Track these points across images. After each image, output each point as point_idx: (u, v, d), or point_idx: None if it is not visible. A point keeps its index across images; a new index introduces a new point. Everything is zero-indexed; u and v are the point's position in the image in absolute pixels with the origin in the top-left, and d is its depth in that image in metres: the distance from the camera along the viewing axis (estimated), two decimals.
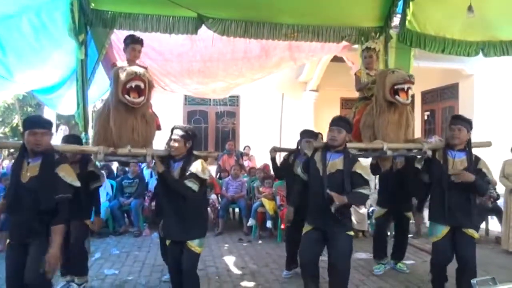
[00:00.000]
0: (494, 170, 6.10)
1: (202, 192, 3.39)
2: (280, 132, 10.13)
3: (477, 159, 3.55)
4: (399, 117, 3.92)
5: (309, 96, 10.61)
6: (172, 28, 4.33)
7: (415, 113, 10.22)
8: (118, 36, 4.95)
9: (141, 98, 3.39)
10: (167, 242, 3.42)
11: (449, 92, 9.38)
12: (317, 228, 3.34)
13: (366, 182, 3.29)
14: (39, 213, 2.73)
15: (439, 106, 9.70)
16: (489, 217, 6.40)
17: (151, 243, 6.05)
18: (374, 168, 4.31)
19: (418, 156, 3.93)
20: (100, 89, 6.13)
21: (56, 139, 5.45)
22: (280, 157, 5.33)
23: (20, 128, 17.43)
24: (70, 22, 3.78)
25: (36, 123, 2.83)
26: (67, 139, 3.84)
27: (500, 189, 6.10)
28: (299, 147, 4.43)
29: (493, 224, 6.47)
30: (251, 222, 6.43)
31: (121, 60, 4.47)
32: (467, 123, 3.58)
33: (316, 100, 10.55)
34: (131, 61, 4.05)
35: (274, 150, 4.69)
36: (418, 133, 9.88)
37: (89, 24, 4.14)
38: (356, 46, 5.05)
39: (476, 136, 7.46)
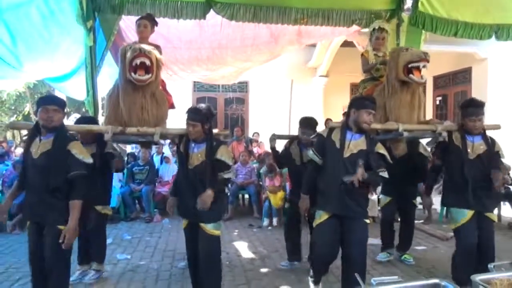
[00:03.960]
0: (508, 155, 6.04)
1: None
2: (289, 118, 10.10)
3: (493, 141, 3.51)
4: (411, 97, 3.79)
5: (318, 82, 10.52)
6: (180, 13, 4.28)
7: (427, 98, 10.11)
8: (126, 23, 4.93)
9: (148, 76, 3.32)
10: (183, 224, 3.33)
11: (462, 76, 9.22)
12: (334, 215, 3.14)
13: (386, 165, 3.16)
14: (50, 190, 2.77)
15: (451, 91, 9.55)
16: (502, 203, 6.33)
17: (162, 229, 6.14)
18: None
19: (428, 139, 3.85)
20: (112, 79, 6.13)
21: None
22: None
23: (32, 116, 17.66)
24: (78, 8, 3.76)
25: (48, 100, 2.91)
26: (80, 121, 3.80)
27: None
28: (299, 135, 4.21)
29: (506, 210, 6.40)
30: (265, 222, 6.37)
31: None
32: (483, 108, 3.49)
33: (326, 85, 10.47)
34: (141, 39, 3.89)
35: (274, 138, 4.32)
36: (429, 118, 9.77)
37: (97, 10, 4.12)
38: (366, 30, 4.95)
39: (489, 121, 7.36)
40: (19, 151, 10.11)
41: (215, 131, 3.44)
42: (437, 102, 10.01)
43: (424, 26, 4.66)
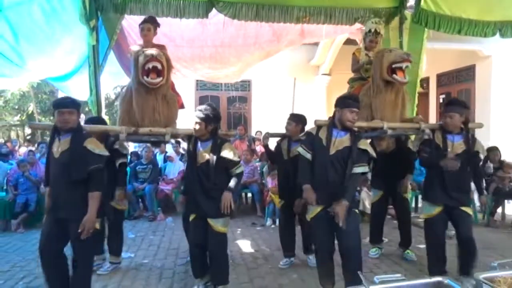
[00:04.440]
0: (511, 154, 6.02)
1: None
2: None
3: (474, 140, 3.66)
4: (395, 97, 3.95)
5: (321, 80, 10.50)
6: (182, 12, 4.28)
7: (430, 96, 10.07)
8: (129, 22, 4.94)
9: (160, 79, 3.51)
10: (191, 217, 3.50)
11: (466, 74, 9.16)
12: (326, 207, 3.20)
13: (367, 159, 3.24)
14: (72, 187, 2.89)
15: (455, 88, 9.49)
16: (506, 201, 6.31)
17: (165, 228, 6.16)
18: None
19: (412, 136, 4.01)
20: (114, 77, 6.15)
21: None
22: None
23: (36, 115, 17.75)
24: (81, 7, 3.77)
25: (62, 104, 3.03)
26: (91, 121, 3.89)
27: None
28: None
29: (509, 208, 6.38)
30: (269, 222, 6.34)
31: (136, 45, 4.46)
32: (460, 107, 3.60)
33: (329, 84, 10.44)
34: (146, 42, 4.07)
35: (267, 136, 4.44)
36: (433, 116, 9.73)
37: (100, 9, 4.13)
38: None
39: (492, 119, 7.35)
40: (23, 150, 10.17)
41: (222, 132, 3.69)
42: (441, 100, 9.95)
43: (427, 23, 4.63)
